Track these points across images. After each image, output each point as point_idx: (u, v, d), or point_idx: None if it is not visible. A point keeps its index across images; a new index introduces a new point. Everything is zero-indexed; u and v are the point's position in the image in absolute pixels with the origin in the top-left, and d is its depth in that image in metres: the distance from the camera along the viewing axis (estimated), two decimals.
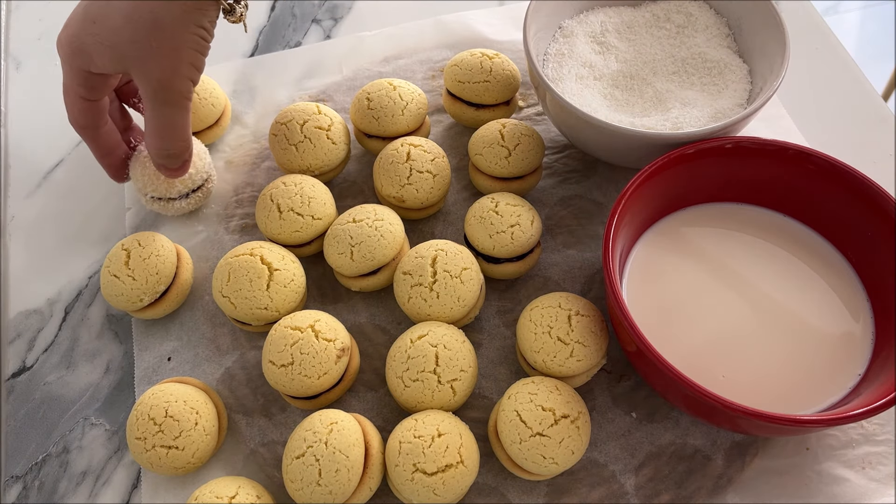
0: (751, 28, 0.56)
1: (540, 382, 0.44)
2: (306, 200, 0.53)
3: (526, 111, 0.64)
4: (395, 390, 0.46)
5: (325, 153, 0.56)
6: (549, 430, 0.42)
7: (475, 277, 0.49)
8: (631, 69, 0.57)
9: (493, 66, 0.58)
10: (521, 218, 0.51)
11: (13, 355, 0.54)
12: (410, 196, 0.54)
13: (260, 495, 0.43)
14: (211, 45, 0.48)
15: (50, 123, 0.66)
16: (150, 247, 0.52)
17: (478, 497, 0.46)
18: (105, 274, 0.51)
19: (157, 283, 0.51)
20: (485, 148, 0.55)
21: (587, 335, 0.46)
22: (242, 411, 0.50)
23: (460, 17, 0.70)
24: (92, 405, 0.51)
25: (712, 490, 0.46)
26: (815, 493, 0.45)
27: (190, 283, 0.54)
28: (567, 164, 0.60)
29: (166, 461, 0.45)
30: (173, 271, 0.52)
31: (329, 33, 0.72)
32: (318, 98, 0.66)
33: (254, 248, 0.50)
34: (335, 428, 0.43)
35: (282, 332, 0.47)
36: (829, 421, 0.39)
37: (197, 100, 0.60)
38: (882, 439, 0.47)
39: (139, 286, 0.50)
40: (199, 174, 0.56)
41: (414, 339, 0.46)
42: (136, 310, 0.52)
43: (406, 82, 0.59)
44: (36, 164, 0.63)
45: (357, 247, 0.50)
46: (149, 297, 0.51)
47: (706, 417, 0.44)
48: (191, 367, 0.52)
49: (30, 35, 0.72)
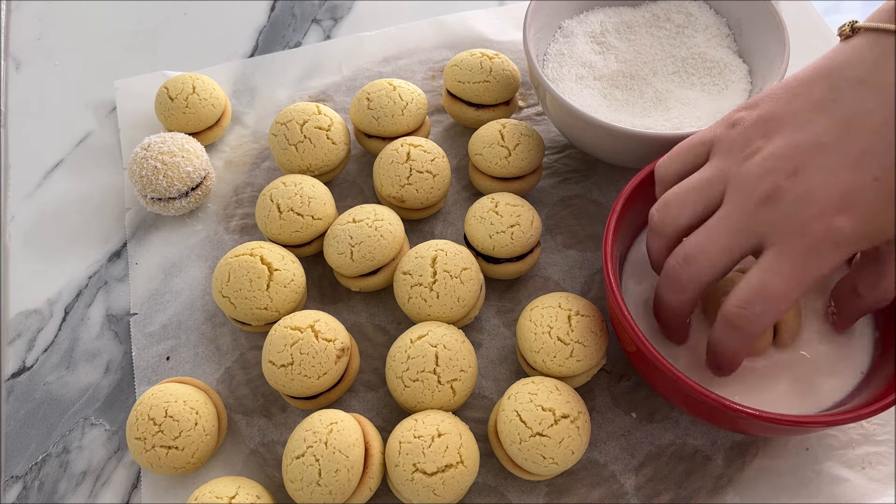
0: (751, 28, 0.56)
1: (540, 382, 0.44)
2: (306, 200, 0.53)
3: (526, 111, 0.64)
4: (395, 390, 0.46)
5: (325, 153, 0.56)
6: (549, 430, 0.42)
7: (475, 277, 0.49)
8: (631, 69, 0.57)
9: (493, 66, 0.58)
10: (521, 218, 0.51)
11: (13, 355, 0.54)
12: (410, 196, 0.54)
13: (260, 495, 0.43)
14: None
15: (50, 123, 0.66)
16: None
17: (478, 497, 0.46)
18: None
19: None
20: (485, 148, 0.55)
21: (587, 335, 0.46)
22: (242, 411, 0.50)
23: (460, 18, 0.70)
24: (92, 405, 0.51)
25: (712, 490, 0.46)
26: (815, 493, 0.45)
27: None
28: (567, 164, 0.60)
29: (166, 461, 0.45)
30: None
31: (329, 33, 0.72)
32: (318, 98, 0.66)
33: (254, 248, 0.50)
34: (335, 428, 0.43)
35: (282, 332, 0.47)
36: (829, 421, 0.39)
37: (197, 100, 0.60)
38: (882, 439, 0.47)
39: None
40: (198, 172, 0.57)
41: (414, 339, 0.46)
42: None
43: (406, 82, 0.59)
44: (36, 164, 0.63)
45: (357, 247, 0.50)
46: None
47: (706, 418, 0.43)
48: (191, 367, 0.52)
49: (30, 35, 0.72)
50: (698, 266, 0.37)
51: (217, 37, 0.72)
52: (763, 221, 0.36)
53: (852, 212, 0.34)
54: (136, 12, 0.74)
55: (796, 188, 0.35)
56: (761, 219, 0.36)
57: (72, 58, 0.71)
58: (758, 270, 0.36)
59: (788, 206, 0.35)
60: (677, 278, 0.39)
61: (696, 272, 0.38)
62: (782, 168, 0.35)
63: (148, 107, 0.64)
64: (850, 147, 0.34)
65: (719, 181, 0.38)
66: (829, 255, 0.35)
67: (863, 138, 0.34)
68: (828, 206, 0.34)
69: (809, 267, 0.35)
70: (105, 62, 0.70)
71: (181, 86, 0.60)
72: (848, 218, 0.34)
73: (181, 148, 0.56)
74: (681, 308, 0.41)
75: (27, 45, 0.72)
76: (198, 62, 0.69)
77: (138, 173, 0.55)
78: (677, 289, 0.39)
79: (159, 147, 0.56)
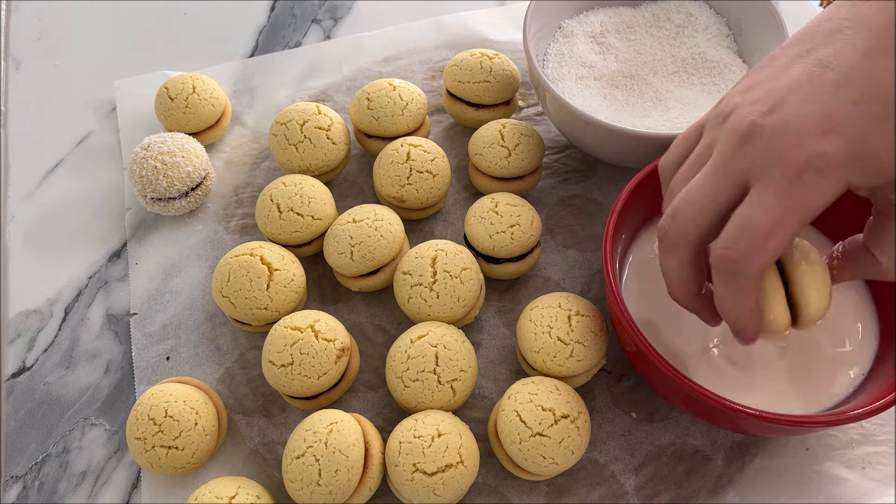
0: (751, 28, 0.56)
1: (540, 382, 0.44)
2: (306, 200, 0.53)
3: (526, 111, 0.64)
4: (395, 390, 0.46)
5: (325, 153, 0.56)
6: (549, 430, 0.42)
7: (475, 277, 0.49)
8: (631, 69, 0.57)
9: (493, 66, 0.58)
10: (521, 218, 0.51)
11: (13, 355, 0.54)
12: (410, 196, 0.54)
13: (260, 495, 0.43)
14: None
15: (50, 123, 0.66)
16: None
17: (478, 497, 0.46)
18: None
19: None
20: (485, 148, 0.55)
21: (587, 335, 0.46)
22: (242, 411, 0.50)
23: (460, 18, 0.70)
24: (92, 405, 0.51)
25: (712, 490, 0.46)
26: (815, 493, 0.45)
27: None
28: (567, 164, 0.60)
29: (166, 461, 0.45)
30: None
31: (329, 33, 0.72)
32: (318, 98, 0.66)
33: (254, 248, 0.50)
34: (335, 428, 0.43)
35: (282, 332, 0.47)
36: (829, 421, 0.39)
37: (197, 100, 0.60)
38: (882, 439, 0.47)
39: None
40: (198, 172, 0.57)
41: (414, 339, 0.46)
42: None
43: (406, 82, 0.59)
44: (36, 164, 0.63)
45: (357, 247, 0.50)
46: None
47: (706, 418, 0.43)
48: (191, 367, 0.52)
49: (30, 35, 0.72)
50: (684, 218, 0.36)
51: (217, 37, 0.72)
52: (743, 160, 0.35)
53: (836, 134, 0.33)
54: (136, 12, 0.74)
55: (773, 122, 0.34)
56: (742, 158, 0.35)
57: (72, 58, 0.71)
58: (741, 207, 0.34)
59: (766, 140, 0.34)
60: (666, 235, 0.37)
61: (683, 225, 0.36)
62: (759, 109, 0.35)
63: (148, 107, 0.64)
64: (824, 79, 0.34)
65: (707, 147, 0.37)
66: (815, 183, 0.33)
67: (839, 72, 0.34)
68: (808, 132, 0.33)
69: (795, 197, 0.33)
70: (105, 62, 0.70)
71: (181, 86, 0.60)
72: (832, 141, 0.32)
73: (181, 148, 0.56)
74: (683, 273, 0.38)
75: (27, 45, 0.72)
76: (198, 62, 0.69)
77: (138, 173, 0.55)
78: (669, 248, 0.38)
79: (159, 147, 0.56)
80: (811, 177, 0.33)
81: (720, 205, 0.35)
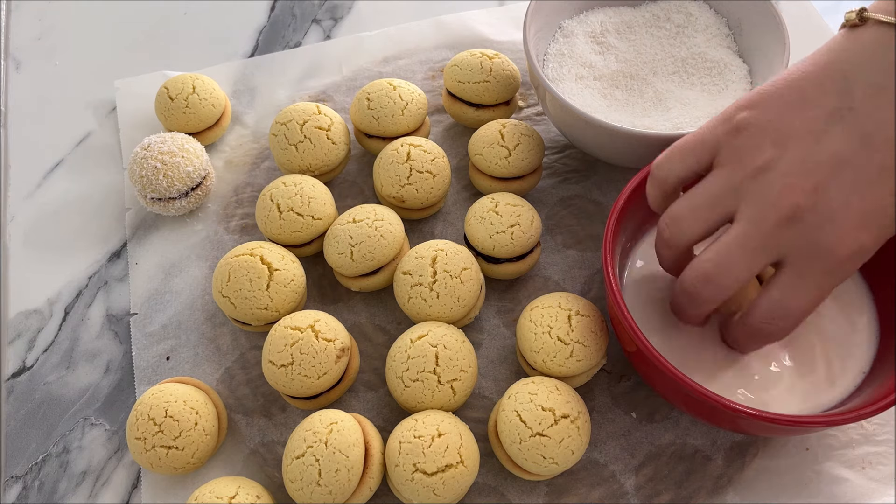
0: (751, 28, 0.56)
1: (540, 382, 0.44)
2: (306, 200, 0.53)
3: (526, 111, 0.64)
4: (395, 390, 0.46)
5: (325, 153, 0.56)
6: (549, 430, 0.42)
7: (475, 277, 0.49)
8: (631, 69, 0.57)
9: (493, 66, 0.58)
10: (521, 218, 0.51)
11: (13, 355, 0.54)
12: (410, 196, 0.54)
13: (260, 495, 0.43)
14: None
15: (50, 123, 0.66)
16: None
17: (478, 497, 0.46)
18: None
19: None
20: (485, 148, 0.55)
21: (587, 335, 0.46)
22: (242, 411, 0.50)
23: (460, 18, 0.70)
24: (92, 405, 0.51)
25: (712, 490, 0.46)
26: (815, 493, 0.45)
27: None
28: (567, 164, 0.60)
29: (166, 461, 0.45)
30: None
31: (329, 33, 0.72)
32: (318, 98, 0.66)
33: (254, 248, 0.50)
34: (335, 428, 0.43)
35: (282, 332, 0.47)
36: (829, 421, 0.39)
37: (197, 100, 0.60)
38: (882, 439, 0.47)
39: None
40: (198, 172, 0.57)
41: (414, 339, 0.46)
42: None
43: (406, 82, 0.59)
44: (36, 164, 0.63)
45: (357, 247, 0.50)
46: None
47: (706, 418, 0.43)
48: (191, 367, 0.52)
49: (30, 35, 0.72)
50: (718, 285, 0.38)
51: (217, 37, 0.72)
52: (783, 242, 0.36)
53: (874, 226, 0.35)
54: (136, 12, 0.74)
55: (815, 207, 0.35)
56: (781, 239, 0.36)
57: (72, 58, 0.71)
58: (780, 289, 0.37)
59: (809, 228, 0.35)
60: (697, 295, 0.39)
61: (715, 290, 0.38)
62: (800, 186, 0.35)
63: (148, 107, 0.64)
64: (869, 163, 0.34)
65: (731, 196, 0.37)
66: (849, 270, 0.36)
67: (882, 153, 0.34)
68: (850, 227, 0.34)
69: (831, 284, 0.36)
70: (105, 62, 0.70)
71: (181, 86, 0.60)
72: (869, 233, 0.35)
73: (181, 148, 0.56)
74: (700, 318, 0.42)
75: (27, 45, 0.72)
76: (198, 62, 0.69)
77: (138, 173, 0.55)
78: (697, 305, 0.40)
79: (159, 147, 0.56)
80: (847, 266, 0.35)
81: (752, 276, 0.38)
